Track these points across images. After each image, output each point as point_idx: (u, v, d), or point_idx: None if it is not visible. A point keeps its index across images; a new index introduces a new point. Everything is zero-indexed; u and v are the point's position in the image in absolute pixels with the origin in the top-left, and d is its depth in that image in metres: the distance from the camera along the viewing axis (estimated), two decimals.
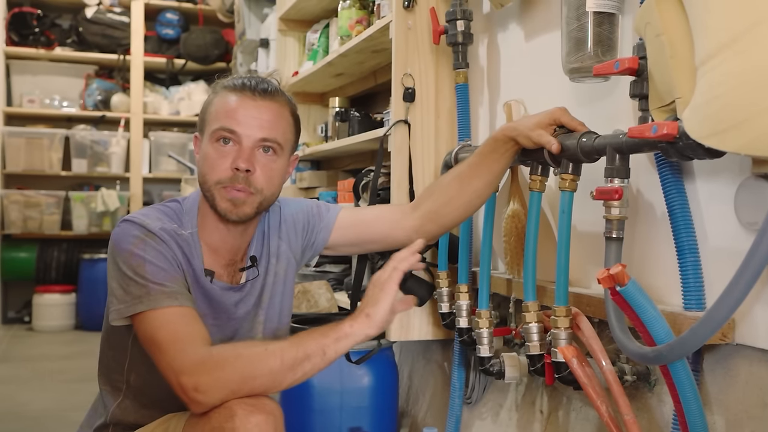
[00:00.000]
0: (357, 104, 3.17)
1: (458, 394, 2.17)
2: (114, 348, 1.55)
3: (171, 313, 1.37)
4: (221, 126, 1.47)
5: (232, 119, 1.47)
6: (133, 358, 1.52)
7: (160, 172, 5.91)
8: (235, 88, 1.49)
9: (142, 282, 1.39)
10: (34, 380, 3.97)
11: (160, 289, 1.39)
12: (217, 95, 1.51)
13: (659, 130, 1.21)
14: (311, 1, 3.16)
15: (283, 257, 1.66)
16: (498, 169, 1.61)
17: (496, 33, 2.12)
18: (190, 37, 5.83)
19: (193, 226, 1.52)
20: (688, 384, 1.24)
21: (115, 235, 1.47)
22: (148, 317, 1.37)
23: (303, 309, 2.59)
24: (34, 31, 5.56)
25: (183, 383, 1.30)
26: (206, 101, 1.54)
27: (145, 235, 1.44)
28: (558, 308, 1.53)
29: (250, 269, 1.59)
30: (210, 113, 1.50)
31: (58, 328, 5.38)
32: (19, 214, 5.48)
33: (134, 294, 1.39)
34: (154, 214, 1.51)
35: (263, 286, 1.61)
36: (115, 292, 1.42)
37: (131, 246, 1.42)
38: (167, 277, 1.41)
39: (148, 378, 1.49)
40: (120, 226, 1.47)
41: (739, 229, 1.30)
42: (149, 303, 1.37)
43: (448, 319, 2.07)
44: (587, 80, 1.59)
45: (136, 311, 1.38)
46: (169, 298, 1.38)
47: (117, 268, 1.42)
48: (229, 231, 1.54)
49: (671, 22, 1.23)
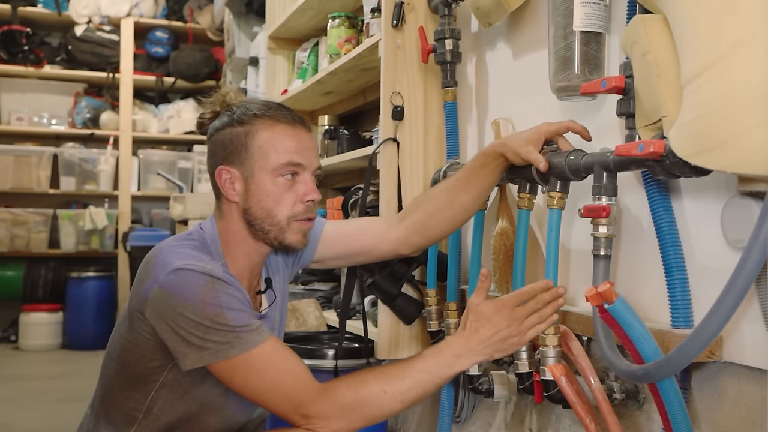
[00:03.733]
0: (346, 122, 3.17)
1: (447, 413, 2.16)
2: (135, 379, 1.49)
3: (266, 351, 1.37)
4: (290, 161, 1.47)
5: (296, 153, 1.48)
6: (160, 393, 1.49)
7: (149, 190, 5.90)
8: (281, 119, 1.50)
9: (227, 329, 1.35)
10: (21, 400, 3.93)
11: (247, 329, 1.37)
12: (259, 126, 1.48)
13: (646, 148, 1.22)
14: (300, 20, 3.17)
15: (281, 272, 1.68)
16: (486, 184, 1.62)
17: (485, 52, 2.13)
18: (179, 56, 5.84)
19: (220, 257, 1.50)
20: (677, 402, 1.24)
21: (171, 285, 1.37)
22: (242, 360, 1.36)
23: (292, 327, 2.58)
24: (23, 49, 5.56)
25: (309, 417, 1.35)
26: (240, 132, 1.49)
27: (213, 282, 1.38)
28: None
29: (267, 292, 1.61)
30: (260, 147, 1.47)
31: (44, 347, 5.33)
32: (6, 232, 5.45)
33: (219, 341, 1.35)
34: (192, 252, 1.44)
35: (275, 307, 1.63)
36: (189, 339, 1.36)
37: (201, 296, 1.36)
38: (247, 318, 1.39)
39: (173, 410, 1.49)
40: (176, 275, 1.37)
41: (725, 247, 1.31)
42: (242, 346, 1.36)
43: (436, 338, 2.06)
44: (574, 99, 1.60)
45: (227, 357, 1.36)
46: (258, 335, 1.37)
47: (184, 318, 1.35)
48: (256, 258, 1.55)
49: (657, 41, 1.24)
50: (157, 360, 1.45)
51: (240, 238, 1.51)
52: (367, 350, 2.19)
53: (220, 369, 1.38)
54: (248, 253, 1.53)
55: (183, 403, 1.49)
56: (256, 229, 1.50)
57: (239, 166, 1.49)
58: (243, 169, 1.49)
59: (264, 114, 1.49)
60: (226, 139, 1.50)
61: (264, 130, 1.48)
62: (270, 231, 1.49)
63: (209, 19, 5.36)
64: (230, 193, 1.50)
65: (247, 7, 4.07)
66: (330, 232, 1.72)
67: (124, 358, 1.49)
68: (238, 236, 1.52)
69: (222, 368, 1.37)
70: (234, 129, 1.50)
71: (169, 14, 5.99)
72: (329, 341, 2.39)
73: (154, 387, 1.48)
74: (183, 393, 1.48)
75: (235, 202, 1.51)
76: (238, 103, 1.54)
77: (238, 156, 1.49)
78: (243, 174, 1.49)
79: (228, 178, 1.50)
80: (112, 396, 1.53)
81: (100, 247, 5.67)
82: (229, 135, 1.50)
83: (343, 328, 2.22)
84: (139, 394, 1.49)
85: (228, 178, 1.50)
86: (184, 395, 1.48)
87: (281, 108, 1.53)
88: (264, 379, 1.36)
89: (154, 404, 1.48)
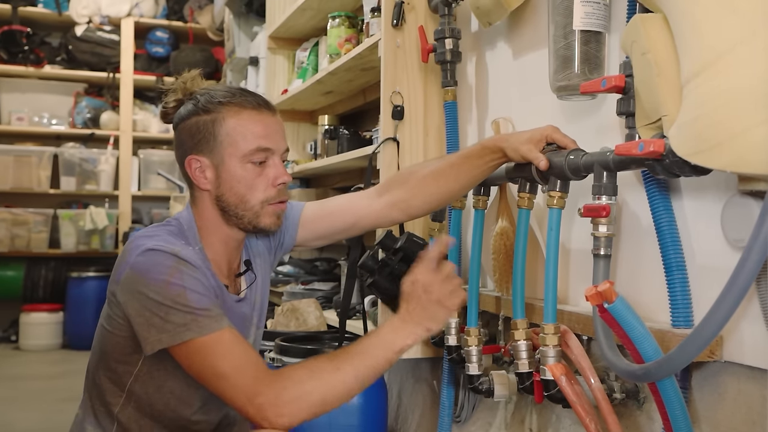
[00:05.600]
0: (346, 122, 3.17)
1: (447, 413, 2.16)
2: (113, 371, 1.50)
3: (223, 338, 1.36)
4: (259, 146, 1.47)
5: (264, 138, 1.48)
6: (134, 385, 1.49)
7: (150, 190, 5.89)
8: (246, 105, 1.49)
9: (186, 310, 1.35)
10: (21, 400, 3.93)
11: (207, 314, 1.36)
12: (225, 113, 1.48)
13: (646, 147, 1.22)
14: (301, 20, 3.18)
15: (262, 256, 1.68)
16: (477, 176, 1.62)
17: (485, 51, 2.13)
18: (180, 56, 5.84)
19: (197, 242, 1.51)
20: (677, 401, 1.24)
21: (140, 266, 1.39)
22: (199, 345, 1.35)
23: (292, 327, 2.58)
24: (24, 49, 5.55)
25: (262, 406, 1.31)
26: (207, 120, 1.49)
27: (178, 263, 1.39)
28: (547, 326, 1.53)
29: (247, 273, 1.60)
30: (228, 134, 1.47)
31: (45, 347, 5.33)
32: (6, 232, 5.45)
33: (178, 322, 1.35)
34: (167, 237, 1.46)
35: (256, 288, 1.63)
36: (151, 321, 1.37)
37: (165, 276, 1.37)
38: (209, 302, 1.38)
39: (151, 403, 1.49)
40: (145, 256, 1.40)
41: (725, 246, 1.30)
42: (199, 330, 1.35)
43: (437, 337, 2.06)
44: (574, 98, 1.60)
45: (183, 339, 1.35)
46: (216, 322, 1.37)
47: (148, 298, 1.37)
48: (233, 243, 1.55)
49: (657, 40, 1.24)
50: (130, 347, 1.45)
51: (214, 224, 1.52)
52: None
53: (179, 353, 1.38)
54: (223, 239, 1.53)
55: (159, 397, 1.48)
56: (229, 215, 1.51)
57: (209, 155, 1.49)
58: (212, 157, 1.49)
59: (229, 101, 1.49)
60: (193, 128, 1.50)
61: (231, 117, 1.47)
62: (244, 216, 1.50)
63: (209, 19, 5.37)
64: (201, 181, 1.50)
65: (247, 7, 4.07)
66: (310, 213, 1.71)
67: (104, 347, 1.50)
68: (212, 222, 1.52)
69: (180, 352, 1.37)
70: (200, 117, 1.49)
71: (170, 14, 5.99)
72: (329, 341, 2.39)
73: (128, 380, 1.48)
74: (158, 387, 1.48)
75: (207, 190, 1.51)
76: (201, 91, 1.53)
77: (207, 144, 1.49)
78: (213, 162, 1.49)
79: (198, 167, 1.50)
80: (95, 388, 1.54)
81: (101, 247, 5.67)
82: (195, 124, 1.50)
83: (344, 327, 2.23)
84: (117, 386, 1.50)
85: (198, 167, 1.50)
86: (160, 389, 1.48)
87: (245, 93, 1.52)
88: (221, 364, 1.34)
89: (131, 397, 1.49)
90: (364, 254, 2.17)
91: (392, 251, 2.11)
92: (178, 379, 1.47)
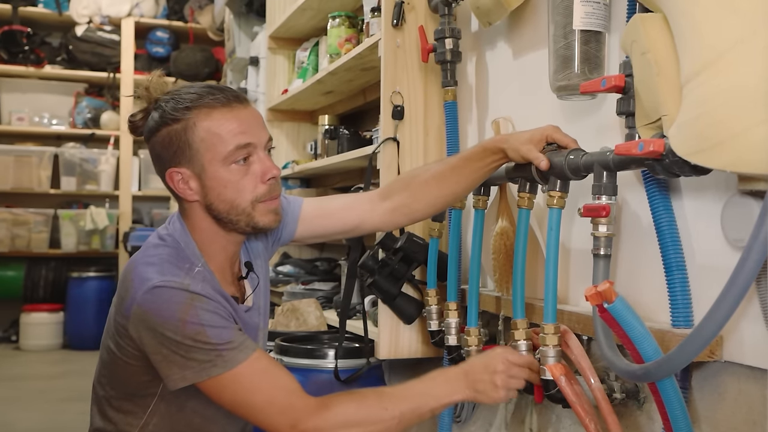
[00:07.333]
0: (346, 122, 3.17)
1: (447, 413, 2.16)
2: (130, 395, 1.46)
3: (253, 367, 1.34)
4: (238, 144, 1.39)
5: (242, 134, 1.40)
6: (158, 407, 1.46)
7: (150, 190, 5.90)
8: (215, 105, 1.40)
9: (209, 347, 1.32)
10: (21, 400, 3.94)
11: (230, 346, 1.33)
12: (195, 119, 1.39)
13: (646, 147, 1.22)
14: (301, 20, 3.17)
15: (261, 256, 1.64)
16: (478, 177, 1.61)
17: (485, 51, 2.13)
18: (180, 56, 5.84)
19: (198, 258, 1.44)
20: (677, 401, 1.23)
21: (150, 304, 1.33)
22: (227, 380, 1.33)
23: (292, 327, 2.57)
24: (24, 49, 5.56)
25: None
26: (178, 130, 1.40)
27: (192, 299, 1.33)
28: (546, 326, 1.52)
29: (250, 276, 1.57)
30: (203, 140, 1.39)
31: (45, 347, 5.34)
32: (7, 232, 5.45)
33: (201, 359, 1.32)
34: (168, 266, 1.38)
35: (260, 292, 1.60)
36: (171, 358, 1.33)
37: (180, 314, 1.32)
38: (230, 334, 1.34)
39: (172, 424, 1.47)
40: (153, 294, 1.33)
41: (725, 246, 1.30)
42: (224, 365, 1.32)
43: (437, 337, 2.06)
44: (574, 98, 1.60)
45: (210, 375, 1.32)
46: (242, 352, 1.34)
47: (165, 337, 1.32)
48: (233, 248, 1.51)
49: (657, 40, 1.23)
50: (150, 374, 1.40)
51: (211, 234, 1.46)
52: (368, 350, 2.18)
53: (207, 387, 1.35)
54: (223, 246, 1.48)
55: (182, 417, 1.45)
56: (224, 222, 1.44)
57: (188, 165, 1.41)
58: (192, 166, 1.41)
59: (196, 104, 1.40)
60: (165, 141, 1.42)
61: (201, 121, 1.39)
62: (239, 221, 1.43)
63: (210, 19, 5.37)
64: (187, 193, 1.43)
65: (247, 7, 4.07)
66: (310, 210, 1.67)
67: (118, 375, 1.45)
68: (209, 233, 1.46)
69: (209, 387, 1.34)
70: (170, 128, 1.41)
71: (170, 14, 5.99)
72: (329, 341, 2.39)
73: (152, 401, 1.44)
74: (180, 406, 1.44)
75: (195, 201, 1.44)
76: (166, 98, 1.43)
77: (183, 155, 1.40)
78: (194, 171, 1.41)
79: (180, 179, 1.43)
80: (107, 413, 1.48)
81: (101, 247, 5.67)
82: (167, 135, 1.41)
83: (344, 327, 2.22)
84: (137, 408, 1.45)
85: (180, 179, 1.43)
86: (182, 408, 1.45)
87: (213, 90, 1.42)
88: (256, 396, 1.33)
89: (151, 419, 1.45)
90: (365, 254, 2.17)
91: (392, 251, 2.11)
92: (200, 398, 1.42)
